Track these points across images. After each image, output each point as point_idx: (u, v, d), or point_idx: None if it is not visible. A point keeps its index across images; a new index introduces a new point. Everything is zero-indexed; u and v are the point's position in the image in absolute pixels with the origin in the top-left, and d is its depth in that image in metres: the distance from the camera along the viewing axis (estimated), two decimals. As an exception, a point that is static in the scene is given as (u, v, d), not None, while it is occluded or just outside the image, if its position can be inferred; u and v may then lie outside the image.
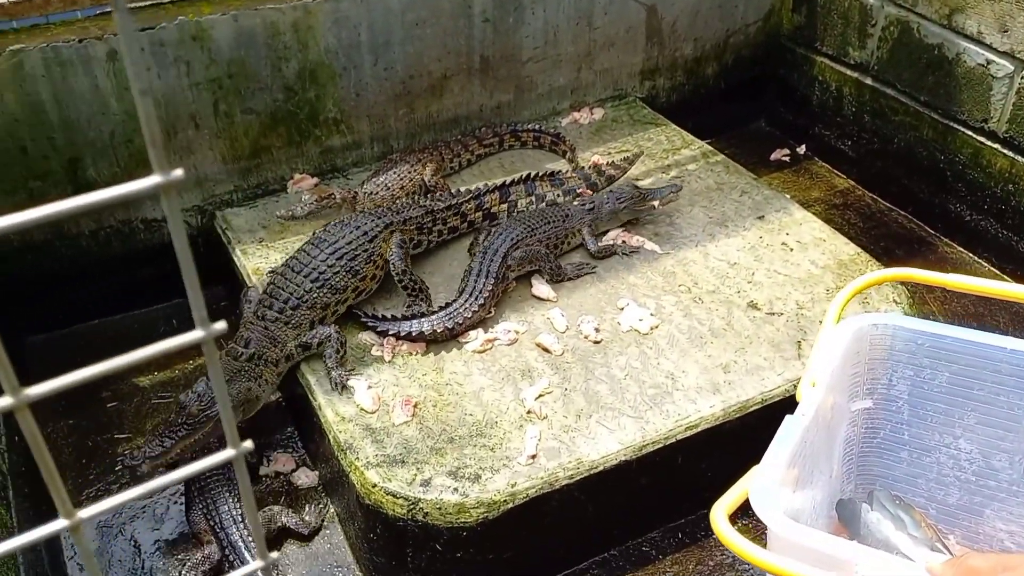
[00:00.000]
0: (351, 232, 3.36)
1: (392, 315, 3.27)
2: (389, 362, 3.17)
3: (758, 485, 1.91)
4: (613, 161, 4.16)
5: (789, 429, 2.09)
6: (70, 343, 3.98)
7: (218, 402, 0.71)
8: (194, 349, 3.57)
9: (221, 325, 0.68)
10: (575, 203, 3.77)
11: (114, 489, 3.33)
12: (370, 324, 3.26)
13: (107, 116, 3.64)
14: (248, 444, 0.70)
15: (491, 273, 3.32)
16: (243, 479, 0.72)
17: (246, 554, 2.88)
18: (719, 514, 1.85)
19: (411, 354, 3.19)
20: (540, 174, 3.95)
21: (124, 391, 3.76)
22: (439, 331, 3.18)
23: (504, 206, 3.84)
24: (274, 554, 0.70)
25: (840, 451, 2.55)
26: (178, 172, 0.60)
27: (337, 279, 3.25)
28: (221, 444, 3.37)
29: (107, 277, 4.00)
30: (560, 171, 4.05)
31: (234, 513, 2.94)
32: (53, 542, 3.00)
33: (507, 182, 3.88)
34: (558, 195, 3.93)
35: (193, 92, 3.75)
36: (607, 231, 3.77)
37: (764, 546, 1.90)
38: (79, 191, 3.74)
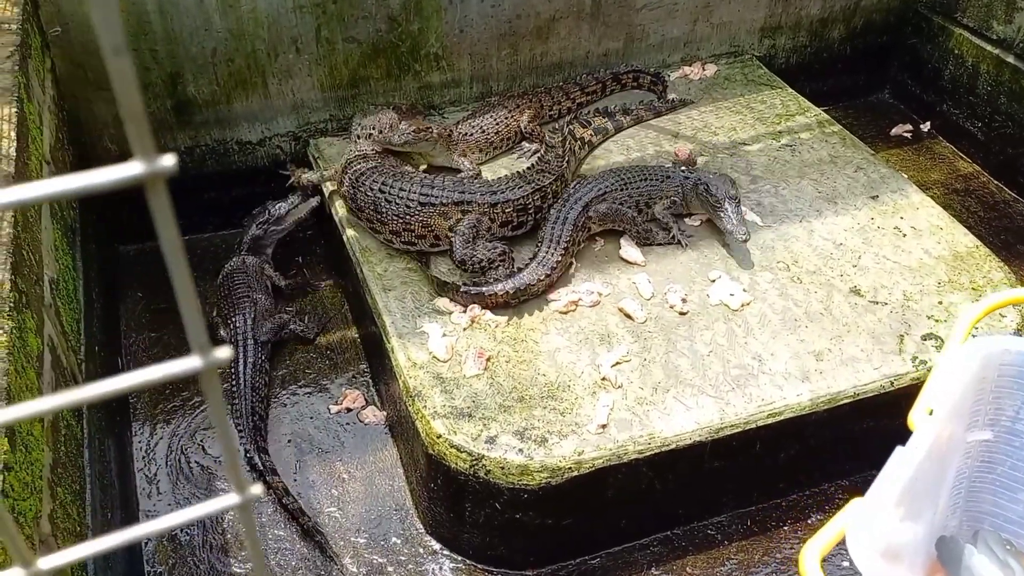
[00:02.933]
0: (430, 188, 3.29)
1: (475, 281, 3.14)
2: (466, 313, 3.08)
3: (859, 531, 1.65)
4: (651, 102, 4.15)
5: (900, 463, 1.82)
6: (161, 256, 4.03)
7: (219, 436, 0.61)
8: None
9: (225, 353, 0.57)
10: (680, 166, 3.59)
11: (187, 406, 3.38)
12: (465, 291, 3.06)
13: (210, 32, 3.61)
14: (257, 489, 0.61)
15: (568, 220, 3.18)
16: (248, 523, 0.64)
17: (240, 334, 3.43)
18: (810, 558, 1.62)
19: (487, 325, 3.10)
20: (574, 117, 3.90)
21: (207, 309, 3.80)
22: (542, 280, 3.06)
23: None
24: (256, 489, 0.60)
25: (949, 484, 2.30)
26: (169, 160, 0.49)
27: (380, 210, 3.30)
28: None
29: (200, 195, 4.02)
30: (590, 110, 4.01)
31: (241, 307, 3.50)
32: (123, 453, 3.06)
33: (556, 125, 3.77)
34: (605, 123, 3.93)
35: (296, 15, 3.68)
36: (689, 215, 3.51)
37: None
38: (180, 107, 3.76)
